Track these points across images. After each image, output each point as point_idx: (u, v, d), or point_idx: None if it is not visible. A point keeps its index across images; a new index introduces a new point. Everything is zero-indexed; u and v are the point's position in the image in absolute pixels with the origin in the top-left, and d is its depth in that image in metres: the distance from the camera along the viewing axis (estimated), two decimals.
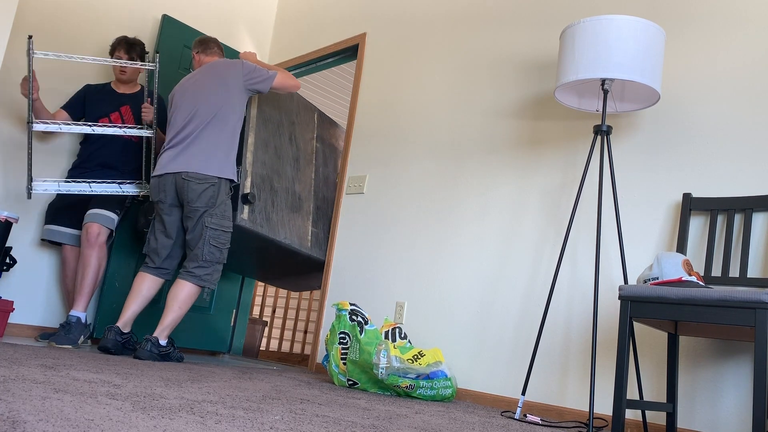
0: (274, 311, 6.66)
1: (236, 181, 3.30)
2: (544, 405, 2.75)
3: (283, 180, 3.73)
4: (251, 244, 3.68)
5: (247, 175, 3.48)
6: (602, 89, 2.53)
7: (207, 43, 3.59)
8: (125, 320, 3.17)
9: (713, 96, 2.59)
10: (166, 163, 3.23)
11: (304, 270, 4.15)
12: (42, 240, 3.72)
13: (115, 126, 3.52)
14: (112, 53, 3.75)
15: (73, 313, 3.39)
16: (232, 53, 4.57)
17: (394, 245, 3.64)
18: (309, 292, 6.46)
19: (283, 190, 3.71)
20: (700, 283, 2.08)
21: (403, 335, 3.10)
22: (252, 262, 4.08)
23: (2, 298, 3.53)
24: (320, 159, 4.09)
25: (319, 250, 3.93)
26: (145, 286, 3.23)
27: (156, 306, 3.97)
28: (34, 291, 3.75)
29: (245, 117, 3.55)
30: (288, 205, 3.73)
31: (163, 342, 3.10)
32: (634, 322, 2.52)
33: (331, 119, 4.27)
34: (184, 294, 3.12)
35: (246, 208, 3.42)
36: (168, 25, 4.25)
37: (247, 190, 3.45)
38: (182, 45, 4.30)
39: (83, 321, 3.37)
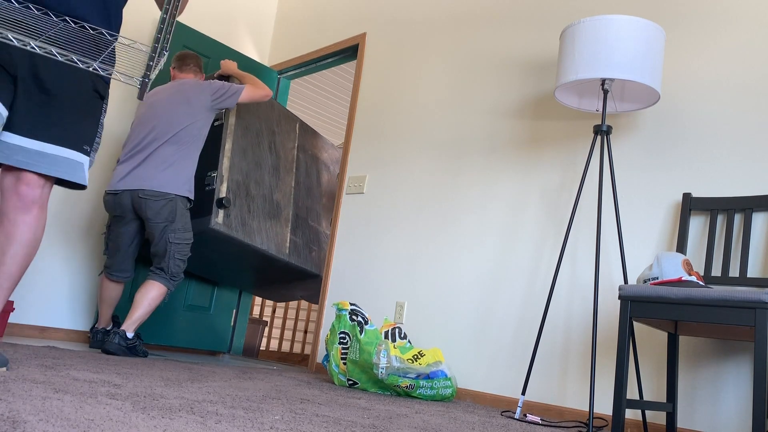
0: (274, 311, 6.66)
1: (192, 198, 3.37)
2: (544, 405, 2.75)
3: (261, 187, 3.76)
4: (228, 249, 3.68)
5: (223, 180, 3.52)
6: (602, 89, 2.53)
7: (184, 59, 3.61)
8: (105, 322, 3.45)
9: (713, 96, 2.59)
10: (121, 179, 3.29)
11: (285, 278, 4.14)
12: None
13: None
14: None
15: None
16: (232, 54, 4.57)
17: (394, 245, 3.64)
18: None
19: (260, 197, 3.74)
20: (700, 283, 2.08)
21: (403, 335, 3.10)
22: (236, 271, 4.06)
23: None
24: (302, 168, 4.12)
25: (298, 257, 3.93)
26: (110, 290, 3.44)
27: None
28: (34, 291, 3.75)
29: (223, 124, 3.63)
30: (265, 212, 3.75)
31: (130, 335, 3.19)
32: (634, 322, 2.52)
33: (313, 130, 4.31)
34: (153, 293, 3.24)
35: (221, 212, 3.46)
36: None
37: (223, 195, 3.49)
38: (181, 45, 4.30)
39: None
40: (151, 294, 3.23)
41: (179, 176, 3.28)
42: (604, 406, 2.58)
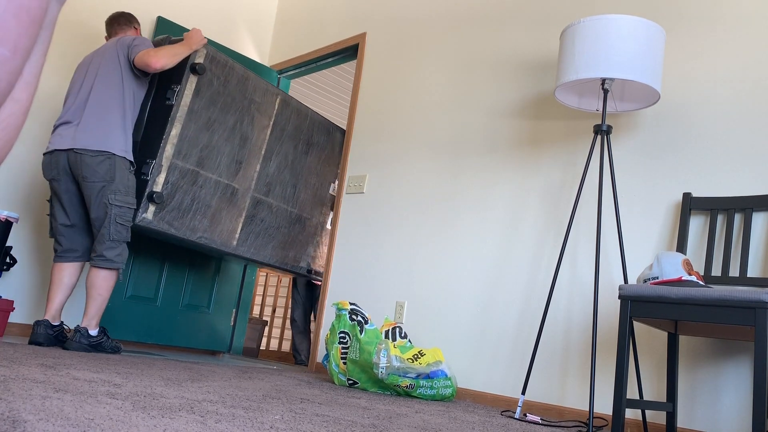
0: (274, 311, 6.66)
1: (134, 161, 3.20)
2: (544, 404, 2.75)
3: (214, 172, 3.51)
4: (170, 238, 3.51)
5: (161, 170, 3.25)
6: (602, 89, 2.53)
7: (112, 25, 3.46)
8: (52, 313, 3.14)
9: (714, 96, 2.60)
10: (57, 140, 3.14)
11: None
12: None
13: None
14: None
15: None
16: (231, 54, 4.57)
17: (394, 245, 3.64)
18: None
19: (211, 184, 3.49)
20: (700, 282, 2.08)
21: (403, 335, 3.10)
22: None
23: (2, 298, 3.53)
24: (274, 147, 3.84)
25: (248, 249, 3.72)
26: (65, 274, 3.18)
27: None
28: (34, 291, 3.75)
29: (173, 105, 3.33)
30: (218, 199, 3.52)
31: (93, 332, 3.05)
32: (634, 322, 2.52)
33: (300, 104, 3.99)
34: (100, 280, 3.06)
35: (152, 207, 3.22)
36: (162, 26, 4.25)
37: (158, 189, 3.24)
38: None
39: None
40: (98, 282, 3.05)
41: (115, 135, 3.11)
42: (604, 406, 2.58)
